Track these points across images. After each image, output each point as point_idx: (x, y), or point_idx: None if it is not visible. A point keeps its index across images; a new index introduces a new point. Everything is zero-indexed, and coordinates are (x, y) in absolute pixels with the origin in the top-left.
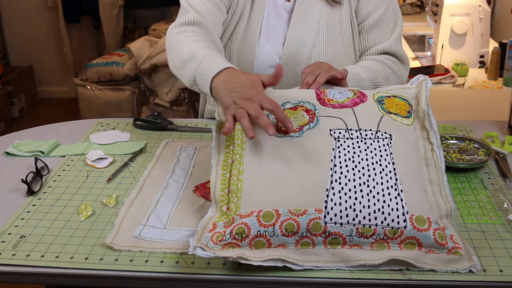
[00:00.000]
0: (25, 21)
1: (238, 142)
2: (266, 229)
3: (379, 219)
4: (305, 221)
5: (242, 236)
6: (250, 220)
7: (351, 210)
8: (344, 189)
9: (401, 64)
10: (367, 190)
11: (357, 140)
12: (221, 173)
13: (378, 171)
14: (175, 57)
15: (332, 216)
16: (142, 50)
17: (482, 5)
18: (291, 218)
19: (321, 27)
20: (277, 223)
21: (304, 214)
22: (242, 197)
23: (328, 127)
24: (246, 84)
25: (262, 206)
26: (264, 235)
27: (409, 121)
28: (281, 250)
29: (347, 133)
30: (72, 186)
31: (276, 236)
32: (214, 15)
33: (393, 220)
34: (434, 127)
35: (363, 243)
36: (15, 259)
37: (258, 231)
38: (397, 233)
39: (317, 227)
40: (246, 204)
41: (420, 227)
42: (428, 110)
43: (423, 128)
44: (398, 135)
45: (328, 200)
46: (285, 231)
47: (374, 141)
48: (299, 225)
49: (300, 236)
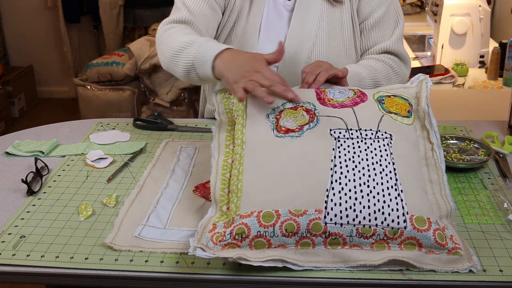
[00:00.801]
0: (25, 21)
1: (238, 142)
2: (266, 230)
3: (379, 220)
4: (305, 221)
5: (242, 236)
6: (250, 221)
7: (351, 210)
8: (344, 189)
9: (402, 63)
10: (367, 190)
11: (357, 140)
12: (221, 173)
13: (378, 171)
14: (168, 49)
15: (332, 217)
16: (142, 50)
17: (482, 5)
18: (291, 219)
19: (321, 26)
20: (277, 224)
21: (304, 214)
22: (242, 197)
23: (328, 127)
24: (251, 60)
25: (262, 206)
26: (264, 235)
27: (409, 121)
28: (281, 250)
29: (347, 133)
30: (72, 186)
31: (276, 237)
32: (207, 15)
33: (393, 220)
34: (434, 126)
35: (363, 244)
36: (15, 259)
37: (258, 231)
38: (397, 233)
39: (317, 228)
40: (246, 204)
41: (420, 228)
42: (428, 110)
43: (423, 127)
44: (399, 135)
45: (328, 201)
46: (285, 232)
47: (374, 141)
48: (299, 226)
49: (300, 237)
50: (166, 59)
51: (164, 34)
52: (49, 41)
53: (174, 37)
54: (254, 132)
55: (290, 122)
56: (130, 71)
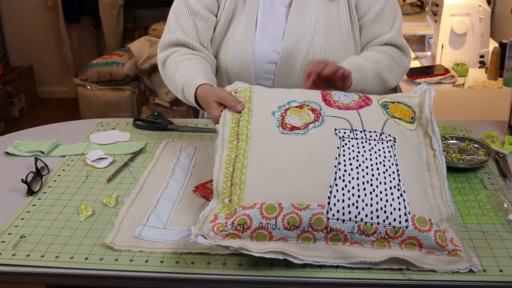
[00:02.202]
0: (25, 21)
1: (242, 137)
2: (268, 222)
3: (381, 218)
4: (307, 215)
5: (244, 227)
6: (253, 212)
7: (353, 207)
8: (347, 187)
9: (403, 54)
10: (370, 188)
11: (361, 141)
12: (224, 167)
13: (382, 171)
14: (167, 82)
15: (334, 212)
16: (142, 50)
17: (482, 5)
18: (294, 212)
19: (319, 21)
20: (280, 216)
21: (307, 209)
22: (245, 189)
23: (334, 126)
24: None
25: (265, 199)
26: (266, 227)
27: (413, 127)
28: (282, 243)
29: (352, 133)
30: (72, 186)
31: (278, 229)
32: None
33: (395, 219)
34: (437, 133)
35: (364, 241)
36: (15, 259)
37: (260, 223)
38: (398, 232)
39: (319, 222)
40: (249, 197)
41: (421, 228)
42: (431, 118)
43: (426, 134)
44: (402, 138)
45: (331, 197)
46: (287, 225)
47: (379, 143)
48: (301, 219)
49: (301, 231)
50: (171, 90)
51: (164, 66)
52: (49, 41)
53: (170, 69)
54: (259, 128)
55: (295, 120)
56: (130, 71)
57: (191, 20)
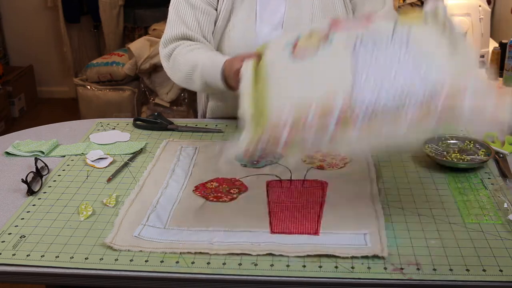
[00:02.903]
0: (25, 21)
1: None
2: (300, 120)
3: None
4: (339, 103)
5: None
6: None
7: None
8: (369, 76)
9: None
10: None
11: (374, 43)
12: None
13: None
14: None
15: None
16: (142, 50)
17: (482, 5)
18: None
19: (315, 2)
20: (310, 112)
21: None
22: (269, 108)
23: (343, 40)
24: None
25: (290, 109)
26: (299, 124)
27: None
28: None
29: (364, 40)
30: (72, 186)
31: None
32: (201, 22)
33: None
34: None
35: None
36: (15, 259)
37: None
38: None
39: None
40: (274, 113)
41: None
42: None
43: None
44: (418, 28)
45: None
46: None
47: (391, 44)
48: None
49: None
50: (181, 82)
51: (170, 59)
52: (49, 41)
53: (179, 60)
54: (273, 59)
55: (304, 47)
56: (130, 71)
57: (192, 14)
